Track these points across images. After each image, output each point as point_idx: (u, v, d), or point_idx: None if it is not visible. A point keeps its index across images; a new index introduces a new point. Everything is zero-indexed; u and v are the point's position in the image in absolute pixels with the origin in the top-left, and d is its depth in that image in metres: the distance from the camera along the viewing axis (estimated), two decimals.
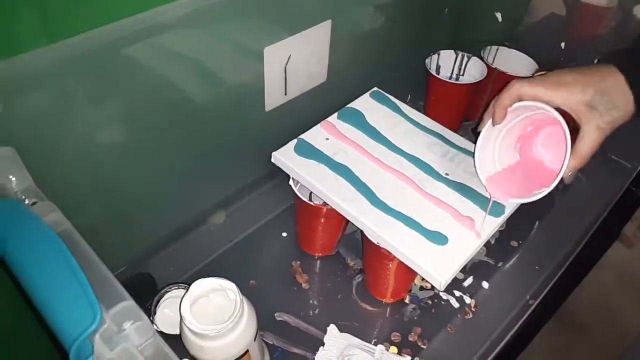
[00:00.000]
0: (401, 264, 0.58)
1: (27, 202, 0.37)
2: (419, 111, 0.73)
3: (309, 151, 0.65)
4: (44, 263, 0.31)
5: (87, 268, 0.32)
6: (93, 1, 0.49)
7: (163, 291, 0.62)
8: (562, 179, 0.55)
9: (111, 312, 0.30)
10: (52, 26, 0.47)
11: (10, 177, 0.38)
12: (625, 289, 1.52)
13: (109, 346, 0.29)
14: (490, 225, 0.59)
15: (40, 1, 0.45)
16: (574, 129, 0.54)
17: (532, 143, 0.62)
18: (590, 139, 0.53)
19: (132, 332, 0.30)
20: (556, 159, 0.59)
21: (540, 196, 0.56)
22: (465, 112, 0.89)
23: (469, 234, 0.58)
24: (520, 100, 0.56)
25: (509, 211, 0.60)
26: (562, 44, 0.89)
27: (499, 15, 0.92)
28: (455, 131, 0.88)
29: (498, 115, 0.58)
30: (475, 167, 0.61)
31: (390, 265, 0.61)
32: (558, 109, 0.55)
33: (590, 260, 1.19)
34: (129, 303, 0.32)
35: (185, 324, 0.48)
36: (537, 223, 0.78)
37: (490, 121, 0.59)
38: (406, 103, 0.87)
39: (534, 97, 0.55)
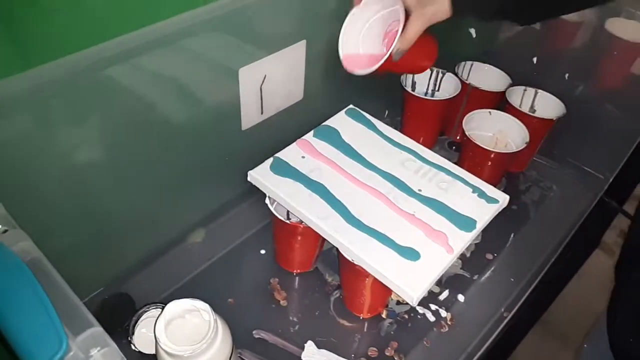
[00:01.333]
0: (376, 280, 0.59)
1: None
2: (396, 126, 0.75)
3: (284, 169, 0.66)
4: (11, 292, 0.32)
5: (55, 296, 0.33)
6: (70, 26, 0.50)
7: (141, 311, 0.62)
8: (390, 55, 0.60)
9: (78, 340, 0.31)
10: (27, 53, 0.48)
11: None
12: (607, 296, 1.54)
13: None
14: (462, 240, 0.60)
15: (14, 29, 0.46)
16: None
17: (382, 41, 0.66)
18: (413, 26, 0.60)
19: (99, 358, 0.31)
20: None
21: (374, 68, 0.61)
22: (441, 127, 0.91)
23: (441, 249, 0.59)
24: None
25: (480, 226, 0.62)
26: (534, 59, 0.91)
27: (473, 31, 0.94)
28: (432, 145, 0.90)
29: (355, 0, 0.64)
30: (339, 41, 0.64)
31: (366, 282, 0.62)
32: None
33: (571, 268, 1.21)
34: (96, 330, 0.32)
35: (160, 345, 0.49)
36: (512, 235, 0.79)
37: (359, 4, 0.64)
38: (384, 118, 0.89)
39: None
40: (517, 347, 1.23)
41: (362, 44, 0.66)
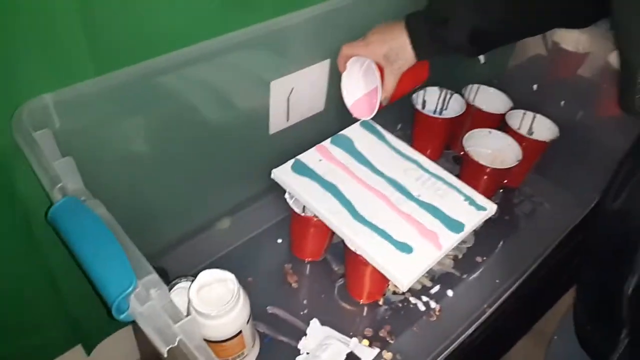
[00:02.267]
0: (375, 269, 0.69)
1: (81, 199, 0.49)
2: (407, 139, 0.85)
3: (303, 170, 0.77)
4: (94, 242, 0.43)
5: (126, 248, 0.44)
6: (134, 42, 0.61)
7: (173, 282, 0.73)
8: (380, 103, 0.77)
9: (142, 281, 0.42)
10: (98, 63, 0.60)
11: (69, 181, 0.50)
12: None
13: (140, 304, 0.40)
14: (450, 240, 0.70)
15: (90, 42, 0.57)
16: None
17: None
18: (388, 79, 0.75)
19: (156, 295, 0.42)
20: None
21: (373, 114, 0.80)
22: (447, 142, 1.01)
23: (432, 246, 0.69)
24: (350, 57, 0.77)
25: (467, 229, 0.71)
26: (535, 86, 1.01)
27: (482, 58, 1.03)
28: (438, 157, 1.00)
29: (340, 68, 0.80)
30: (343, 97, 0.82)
31: (366, 270, 0.72)
32: None
33: (567, 281, 1.29)
34: (154, 276, 0.43)
35: (192, 305, 0.60)
36: (501, 242, 0.89)
37: (347, 69, 0.80)
38: (396, 131, 0.99)
39: (355, 54, 0.77)
40: (509, 350, 1.31)
41: (363, 87, 0.81)
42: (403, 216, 0.72)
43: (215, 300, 0.62)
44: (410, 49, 0.73)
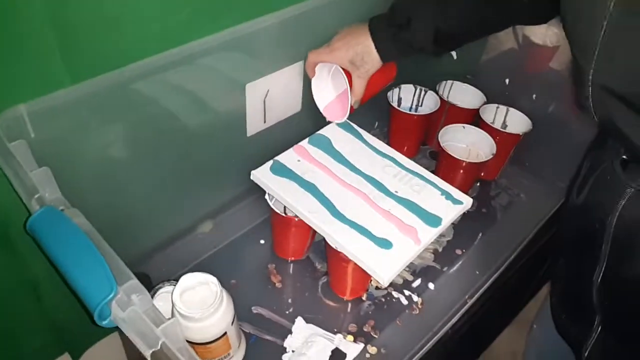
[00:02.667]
0: (357, 266, 0.70)
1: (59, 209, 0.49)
2: (385, 136, 0.86)
3: (282, 170, 0.78)
4: (74, 250, 0.43)
5: (105, 256, 0.44)
6: (109, 50, 0.61)
7: (157, 287, 0.73)
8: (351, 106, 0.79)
9: (123, 287, 0.43)
10: (73, 72, 0.60)
11: (46, 190, 0.50)
12: None
13: (122, 309, 0.41)
14: (428, 234, 0.71)
15: (63, 52, 0.58)
16: None
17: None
18: (356, 85, 0.77)
19: (138, 301, 0.42)
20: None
21: (345, 117, 0.82)
22: (423, 138, 1.02)
23: (411, 241, 0.70)
24: (317, 63, 0.79)
25: (445, 223, 0.73)
26: (507, 80, 1.03)
27: (454, 54, 1.05)
28: (415, 154, 1.02)
29: (309, 74, 0.82)
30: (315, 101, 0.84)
31: (348, 267, 0.73)
32: None
33: (547, 271, 1.32)
34: (135, 281, 0.44)
35: (175, 309, 0.60)
36: (480, 235, 0.91)
37: (316, 74, 0.82)
38: (374, 129, 1.01)
39: (322, 61, 0.78)
40: (494, 340, 1.34)
41: (333, 90, 0.83)
42: (382, 212, 0.73)
43: (199, 302, 0.62)
44: (375, 53, 0.74)
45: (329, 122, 0.86)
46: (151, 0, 0.62)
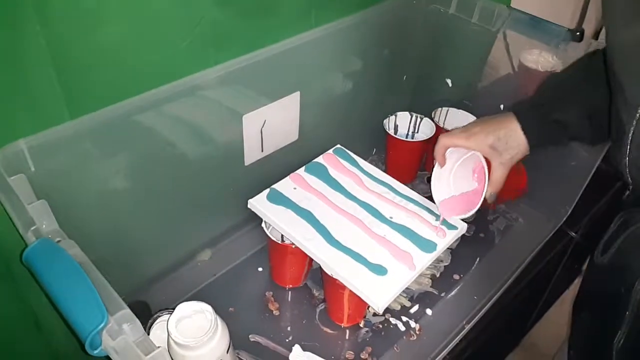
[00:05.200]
0: (353, 293, 0.70)
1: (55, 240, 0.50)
2: (382, 162, 0.87)
3: (279, 199, 0.79)
4: (67, 281, 0.44)
5: (98, 286, 0.45)
6: (109, 84, 0.63)
7: (155, 316, 0.74)
8: (485, 199, 0.73)
9: (115, 316, 0.44)
10: (72, 106, 0.62)
11: (43, 222, 0.51)
12: None
13: (112, 338, 0.42)
14: (423, 260, 0.72)
15: (63, 87, 0.60)
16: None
17: (472, 176, 0.77)
18: (497, 172, 0.70)
19: (129, 330, 0.43)
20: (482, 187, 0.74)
21: (471, 212, 0.74)
22: (419, 164, 1.03)
23: (405, 267, 0.71)
24: (449, 147, 0.73)
25: (440, 248, 0.74)
26: (502, 106, 1.04)
27: (449, 81, 1.07)
28: (412, 179, 1.03)
29: (439, 161, 0.75)
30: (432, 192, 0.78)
31: (344, 294, 0.74)
32: None
33: (551, 295, 1.31)
34: (127, 311, 0.45)
35: (171, 337, 0.61)
36: (477, 259, 0.91)
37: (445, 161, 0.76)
38: (371, 156, 1.02)
39: (456, 146, 0.72)
40: None
41: (454, 187, 0.78)
42: (377, 239, 0.74)
43: (195, 331, 0.63)
44: (522, 136, 0.67)
45: (326, 150, 0.88)
46: (150, 35, 0.64)
